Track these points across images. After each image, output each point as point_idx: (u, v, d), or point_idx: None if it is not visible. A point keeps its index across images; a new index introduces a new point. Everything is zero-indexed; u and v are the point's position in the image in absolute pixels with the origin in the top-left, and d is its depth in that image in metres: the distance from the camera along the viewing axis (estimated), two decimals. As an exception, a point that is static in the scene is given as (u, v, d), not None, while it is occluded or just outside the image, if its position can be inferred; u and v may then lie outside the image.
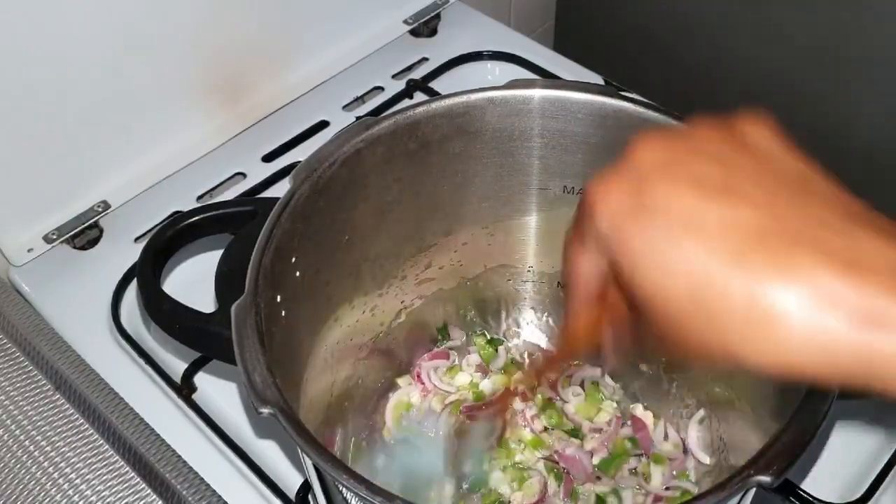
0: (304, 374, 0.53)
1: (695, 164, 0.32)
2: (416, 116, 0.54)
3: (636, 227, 0.32)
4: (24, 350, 0.59)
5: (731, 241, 0.29)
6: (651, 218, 0.31)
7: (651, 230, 0.31)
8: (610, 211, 0.33)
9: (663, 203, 0.31)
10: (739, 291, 0.29)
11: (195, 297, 0.52)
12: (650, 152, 0.33)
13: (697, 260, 0.30)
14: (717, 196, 0.30)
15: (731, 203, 0.30)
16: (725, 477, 0.38)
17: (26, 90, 0.64)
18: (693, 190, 0.31)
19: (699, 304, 0.30)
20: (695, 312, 0.30)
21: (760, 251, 0.29)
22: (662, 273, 0.31)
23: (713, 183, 0.31)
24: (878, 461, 0.58)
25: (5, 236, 0.70)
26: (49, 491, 0.52)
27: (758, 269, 0.29)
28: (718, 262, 0.29)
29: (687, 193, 0.31)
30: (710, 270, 0.29)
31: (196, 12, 0.71)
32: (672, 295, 0.30)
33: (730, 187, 0.31)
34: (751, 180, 0.31)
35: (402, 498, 0.38)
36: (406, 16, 0.90)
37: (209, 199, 0.77)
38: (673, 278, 0.30)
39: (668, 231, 0.30)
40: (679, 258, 0.30)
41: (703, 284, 0.29)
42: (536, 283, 0.65)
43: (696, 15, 1.01)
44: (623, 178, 0.33)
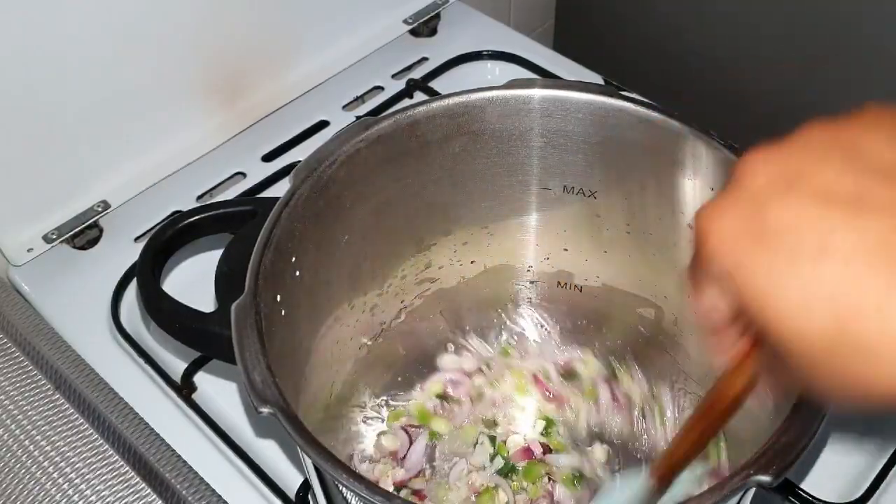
0: (304, 374, 0.53)
1: (818, 175, 0.27)
2: (416, 116, 0.54)
3: (760, 257, 0.28)
4: (24, 350, 0.59)
5: (877, 260, 0.25)
6: (776, 244, 0.27)
7: (777, 257, 0.27)
8: (725, 243, 0.29)
9: (789, 224, 0.27)
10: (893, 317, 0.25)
11: (195, 297, 0.52)
12: (763, 167, 0.29)
13: (840, 284, 0.26)
14: (849, 208, 0.26)
15: (869, 215, 0.26)
16: (725, 476, 0.38)
17: (26, 90, 0.64)
18: (819, 206, 0.27)
19: (843, 333, 0.26)
20: (839, 344, 0.26)
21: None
22: (799, 305, 0.27)
23: (843, 194, 0.27)
24: (877, 461, 0.58)
25: (5, 236, 0.70)
26: (49, 491, 0.52)
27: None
28: (864, 286, 0.25)
29: (815, 211, 0.27)
30: (854, 294, 0.26)
31: (196, 12, 0.71)
32: (809, 327, 0.27)
33: (861, 194, 0.27)
34: (884, 186, 0.27)
35: (402, 498, 0.38)
36: (406, 15, 0.90)
37: (209, 198, 0.77)
38: (812, 310, 0.26)
39: (799, 256, 0.26)
40: (813, 287, 0.26)
41: (851, 313, 0.26)
42: (536, 283, 0.65)
43: (696, 15, 1.01)
44: (737, 203, 0.29)
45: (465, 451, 0.61)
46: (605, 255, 0.61)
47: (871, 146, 0.28)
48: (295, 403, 0.44)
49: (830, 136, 0.29)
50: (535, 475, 0.59)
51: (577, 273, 0.63)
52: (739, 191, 0.29)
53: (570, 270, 0.64)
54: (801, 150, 0.29)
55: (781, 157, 0.29)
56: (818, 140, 0.29)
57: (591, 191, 0.58)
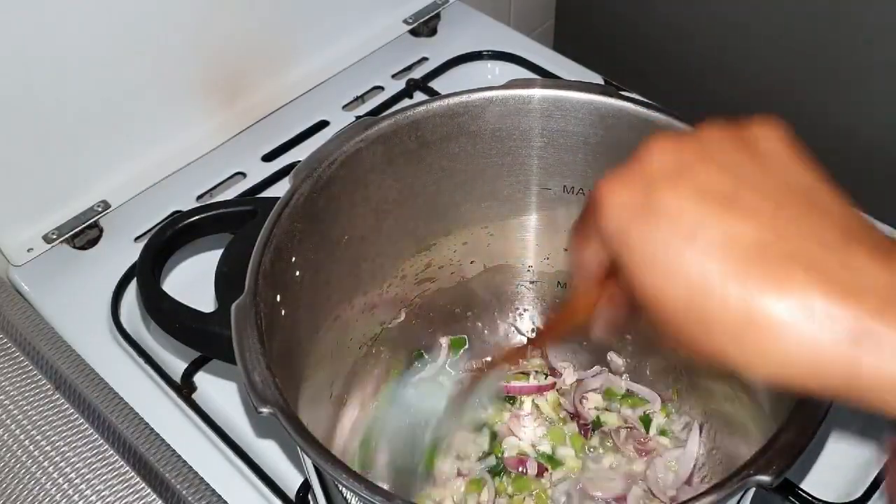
0: (304, 374, 0.53)
1: (703, 173, 0.32)
2: (415, 116, 0.54)
3: (640, 231, 0.32)
4: (24, 350, 0.59)
5: (730, 255, 0.30)
6: (656, 224, 0.32)
7: (654, 236, 0.32)
8: (617, 211, 0.33)
9: (669, 210, 0.32)
10: (735, 303, 0.30)
11: (195, 297, 0.52)
12: (660, 155, 0.33)
13: (697, 270, 0.31)
14: (722, 208, 0.31)
15: (734, 216, 0.31)
16: (724, 477, 0.39)
17: (26, 90, 0.64)
18: (699, 200, 0.32)
19: (696, 311, 0.31)
20: (692, 319, 0.31)
21: (758, 266, 0.30)
22: (663, 279, 0.32)
23: (719, 194, 0.32)
24: (877, 461, 0.58)
25: (5, 236, 0.70)
26: (49, 491, 0.52)
27: (754, 283, 0.30)
28: (717, 274, 0.30)
29: (692, 203, 0.32)
30: (708, 281, 0.30)
31: (196, 12, 0.71)
32: (671, 300, 0.31)
33: (734, 199, 0.31)
34: (756, 192, 0.32)
35: (402, 498, 0.38)
36: (406, 15, 0.90)
37: (209, 198, 0.77)
38: (673, 285, 0.31)
39: (671, 239, 0.31)
40: (679, 267, 0.31)
41: (701, 294, 0.31)
42: (536, 283, 0.65)
43: (696, 15, 1.01)
44: (632, 180, 0.34)
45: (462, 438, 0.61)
46: (604, 254, 0.61)
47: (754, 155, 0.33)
48: (295, 404, 0.44)
49: (723, 139, 0.34)
50: (523, 488, 0.59)
51: (577, 273, 0.63)
52: (637, 170, 0.34)
53: (569, 270, 0.64)
54: (695, 145, 0.34)
55: (677, 148, 0.33)
56: (712, 140, 0.34)
57: (590, 191, 0.58)
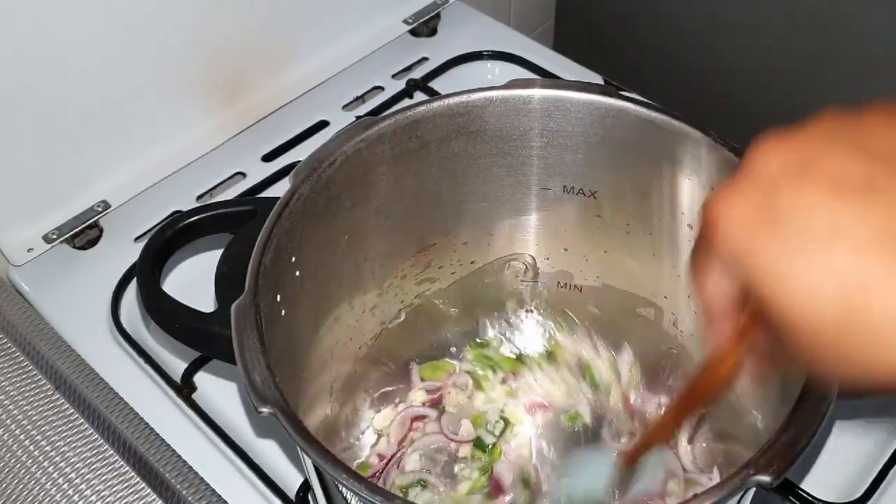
0: (304, 374, 0.53)
1: (829, 162, 0.28)
2: (415, 116, 0.54)
3: (770, 242, 0.28)
4: (24, 350, 0.59)
5: (884, 248, 0.26)
6: (787, 229, 0.28)
7: (788, 243, 0.27)
8: (737, 226, 0.29)
9: (799, 210, 0.27)
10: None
11: (195, 297, 0.52)
12: (774, 155, 0.29)
13: (849, 270, 0.26)
14: (861, 196, 0.27)
15: (878, 202, 0.27)
16: (724, 477, 0.38)
17: (26, 90, 0.64)
18: (832, 191, 0.27)
19: (851, 315, 0.26)
20: (847, 326, 0.27)
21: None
22: (807, 293, 0.27)
23: (854, 181, 0.27)
24: (877, 461, 0.58)
25: (5, 236, 0.70)
26: (49, 491, 0.52)
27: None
28: (872, 267, 0.26)
29: (826, 196, 0.27)
30: (862, 277, 0.26)
31: (196, 12, 0.71)
32: (818, 310, 0.27)
33: (871, 181, 0.27)
34: (887, 170, 0.27)
35: (402, 498, 0.38)
36: (406, 15, 0.90)
37: (209, 198, 0.77)
38: (822, 294, 0.27)
39: (810, 244, 0.27)
40: (826, 275, 0.27)
41: (860, 300, 0.26)
42: (536, 283, 0.65)
43: (696, 15, 1.01)
44: (747, 188, 0.29)
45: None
46: (605, 255, 0.61)
47: (881, 137, 0.29)
48: (295, 404, 0.44)
49: (842, 126, 0.30)
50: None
51: (576, 273, 0.63)
52: (751, 176, 0.29)
53: (570, 270, 0.64)
54: (813, 137, 0.29)
55: (793, 145, 0.29)
56: (830, 129, 0.30)
57: (591, 191, 0.58)
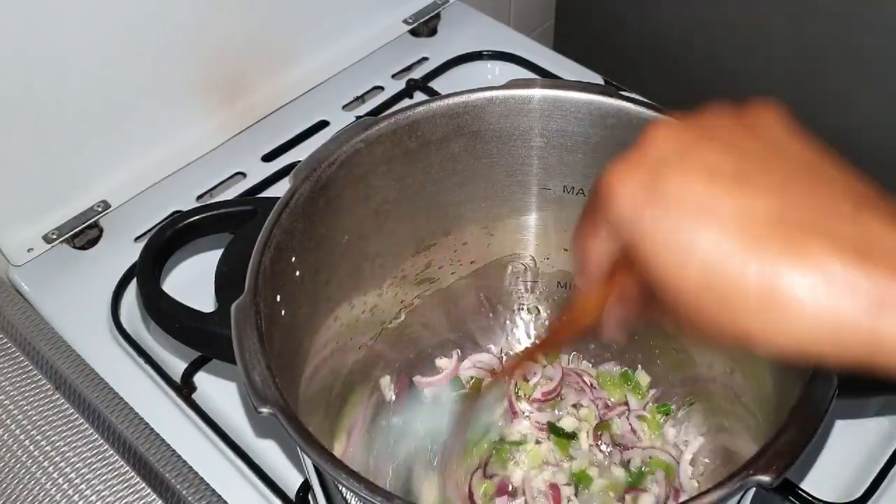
0: (304, 374, 0.53)
1: (708, 153, 0.32)
2: (415, 116, 0.54)
3: (651, 215, 0.32)
4: (24, 350, 0.59)
5: (745, 229, 0.30)
6: (666, 207, 0.32)
7: (666, 219, 0.32)
8: (625, 199, 0.33)
9: (678, 192, 0.32)
10: (754, 277, 0.30)
11: (195, 297, 0.52)
12: (664, 141, 0.34)
13: (712, 247, 0.30)
14: (731, 185, 0.31)
15: (744, 192, 0.31)
16: (724, 477, 0.38)
17: (26, 90, 0.64)
18: (707, 179, 0.32)
19: (714, 289, 0.30)
20: (709, 298, 0.31)
21: (774, 239, 0.30)
22: (678, 260, 0.31)
23: (726, 171, 0.32)
24: (878, 461, 0.58)
25: (5, 236, 0.70)
26: (49, 491, 0.52)
27: (772, 256, 0.29)
28: (733, 249, 0.30)
29: (701, 182, 0.32)
30: (724, 257, 0.30)
31: (196, 12, 0.71)
32: (687, 281, 0.31)
33: (742, 176, 0.31)
34: (763, 168, 0.32)
35: (402, 498, 0.38)
36: (406, 15, 0.90)
37: (209, 198, 0.77)
38: (688, 265, 0.31)
39: (683, 220, 0.31)
40: (694, 245, 0.31)
41: (719, 270, 0.30)
42: (536, 283, 0.65)
43: (696, 15, 1.01)
44: (638, 166, 0.34)
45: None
46: (605, 255, 0.61)
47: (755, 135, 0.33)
48: (295, 404, 0.44)
49: (724, 120, 0.34)
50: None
51: (577, 273, 0.63)
52: (642, 156, 0.34)
53: (570, 270, 0.64)
54: (697, 128, 0.34)
55: (679, 131, 0.34)
56: (713, 122, 0.34)
57: (591, 191, 0.58)
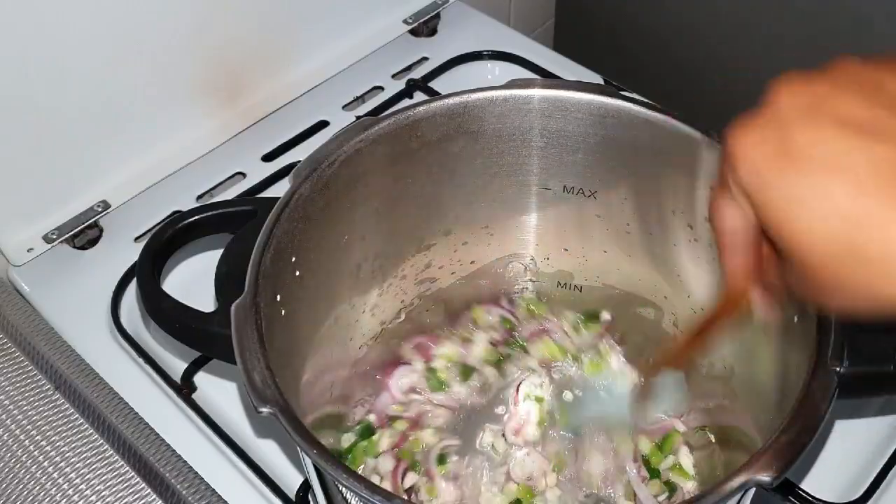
0: (304, 374, 0.53)
1: (837, 103, 0.30)
2: (415, 116, 0.54)
3: (780, 174, 0.30)
4: (24, 350, 0.59)
5: (883, 180, 0.28)
6: (795, 163, 0.30)
7: (795, 176, 0.30)
8: (751, 159, 0.32)
9: (807, 146, 0.30)
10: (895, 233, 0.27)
11: (195, 297, 0.52)
12: (790, 96, 0.32)
13: (848, 202, 0.28)
14: (864, 134, 0.29)
15: (879, 140, 0.29)
16: (724, 476, 0.39)
17: (26, 90, 0.64)
18: (838, 130, 0.30)
19: (852, 248, 0.29)
20: (847, 257, 0.29)
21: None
22: (810, 219, 0.29)
23: (858, 121, 0.30)
24: (878, 461, 0.58)
25: (5, 236, 0.70)
26: (49, 491, 0.52)
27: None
28: (872, 203, 0.28)
29: (831, 134, 0.30)
30: (862, 212, 0.28)
31: (196, 12, 0.71)
32: (822, 241, 0.29)
33: (876, 124, 0.29)
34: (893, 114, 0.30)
35: (402, 498, 0.38)
36: (406, 15, 0.90)
37: (209, 198, 0.77)
38: (822, 224, 0.29)
39: (816, 175, 0.29)
40: (828, 202, 0.29)
41: (856, 227, 0.28)
42: (536, 283, 0.65)
43: (696, 14, 1.01)
44: (764, 123, 0.32)
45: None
46: (605, 255, 0.61)
47: (891, 84, 0.31)
48: (295, 404, 0.44)
49: (855, 72, 0.32)
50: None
51: (577, 273, 0.64)
52: (767, 113, 0.32)
53: (570, 270, 0.64)
54: (827, 80, 0.32)
55: (808, 85, 0.32)
56: (843, 73, 0.32)
57: (591, 191, 0.58)
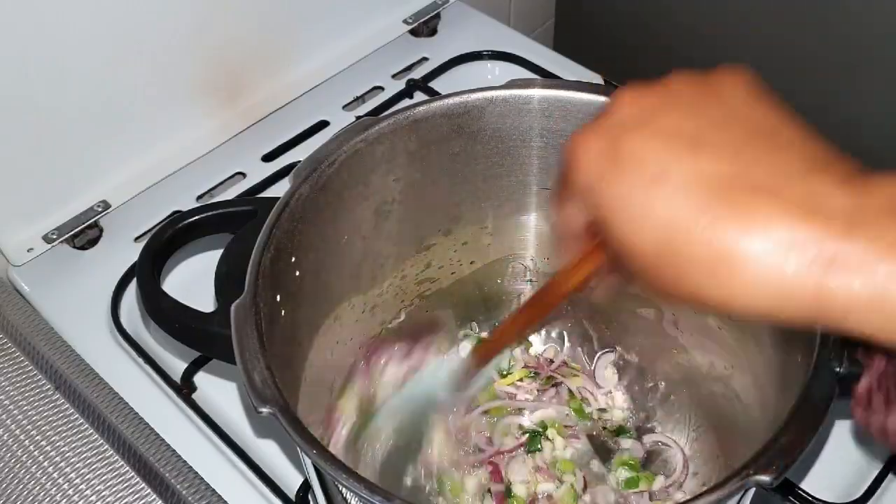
0: (304, 374, 0.53)
1: (667, 118, 0.33)
2: (415, 116, 0.54)
3: (610, 178, 0.33)
4: (24, 350, 0.59)
5: (696, 192, 0.31)
6: (623, 171, 0.32)
7: (623, 182, 0.32)
8: (587, 162, 0.34)
9: (635, 156, 0.32)
10: (704, 240, 0.30)
11: (195, 297, 0.52)
12: (626, 107, 0.34)
13: (665, 211, 0.31)
14: (686, 148, 0.32)
15: (699, 155, 0.31)
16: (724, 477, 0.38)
17: (26, 90, 0.64)
18: (664, 143, 0.32)
19: (667, 252, 0.31)
20: (665, 262, 0.32)
21: (724, 201, 0.30)
22: (633, 224, 0.32)
23: (684, 135, 0.32)
24: (877, 461, 0.58)
25: (5, 236, 0.70)
26: (49, 491, 0.52)
27: (720, 218, 0.30)
28: (684, 213, 0.31)
29: (658, 146, 0.32)
30: (676, 220, 0.31)
31: (196, 12, 0.71)
32: (641, 244, 0.32)
33: (699, 139, 0.32)
34: (721, 132, 0.32)
35: (402, 498, 0.38)
36: (406, 15, 0.90)
37: (209, 198, 0.77)
38: (643, 229, 0.32)
39: (639, 183, 0.32)
40: (648, 210, 0.31)
41: (671, 234, 0.31)
42: (536, 283, 0.65)
43: (696, 14, 1.01)
44: (601, 130, 0.34)
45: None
46: (604, 255, 0.61)
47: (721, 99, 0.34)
48: (295, 404, 0.44)
49: (687, 85, 0.35)
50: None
51: (576, 273, 0.63)
52: (605, 122, 0.34)
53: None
54: (660, 93, 0.34)
55: (642, 97, 0.34)
56: (677, 87, 0.35)
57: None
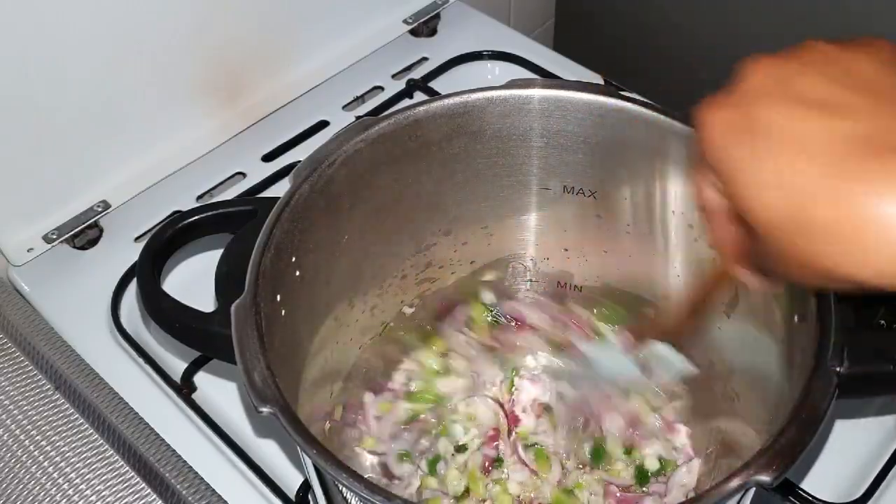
0: (304, 373, 0.53)
1: (801, 83, 0.32)
2: (415, 116, 0.54)
3: (739, 146, 0.32)
4: (24, 350, 0.60)
5: (831, 153, 0.29)
6: (757, 136, 0.31)
7: (753, 149, 0.31)
8: (716, 132, 0.33)
9: (767, 123, 0.31)
10: (840, 204, 0.28)
11: (195, 297, 0.52)
12: (756, 75, 0.33)
13: (795, 173, 0.29)
14: (819, 111, 0.30)
15: (832, 115, 0.30)
16: (724, 477, 0.39)
17: (26, 90, 0.64)
18: (798, 108, 0.31)
19: (799, 218, 0.30)
20: (795, 227, 0.30)
21: (863, 161, 0.28)
22: (765, 191, 0.31)
23: (820, 99, 0.31)
24: (878, 461, 0.58)
25: (5, 236, 0.70)
26: (49, 491, 0.52)
27: (857, 180, 0.28)
28: (818, 175, 0.29)
29: (791, 111, 0.31)
30: (808, 183, 0.29)
31: (196, 12, 0.71)
32: (771, 210, 0.30)
33: (832, 100, 0.30)
34: (856, 97, 0.31)
35: (402, 498, 0.38)
36: (406, 15, 0.90)
37: (209, 198, 0.77)
38: (775, 196, 0.30)
39: (769, 149, 0.31)
40: (780, 175, 0.30)
41: (802, 197, 0.29)
42: (536, 283, 0.65)
43: (696, 14, 1.01)
44: (730, 102, 0.33)
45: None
46: (605, 255, 0.61)
47: (857, 66, 0.32)
48: (295, 403, 0.44)
49: (822, 52, 0.33)
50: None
51: (577, 273, 0.63)
52: (735, 89, 0.33)
53: (570, 270, 0.64)
54: (794, 60, 0.33)
55: (775, 64, 0.33)
56: (810, 54, 0.33)
57: (591, 191, 0.58)
